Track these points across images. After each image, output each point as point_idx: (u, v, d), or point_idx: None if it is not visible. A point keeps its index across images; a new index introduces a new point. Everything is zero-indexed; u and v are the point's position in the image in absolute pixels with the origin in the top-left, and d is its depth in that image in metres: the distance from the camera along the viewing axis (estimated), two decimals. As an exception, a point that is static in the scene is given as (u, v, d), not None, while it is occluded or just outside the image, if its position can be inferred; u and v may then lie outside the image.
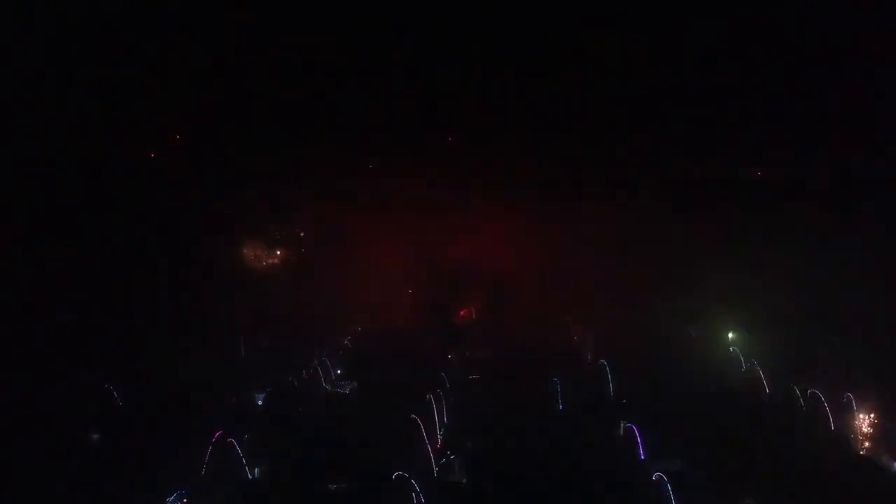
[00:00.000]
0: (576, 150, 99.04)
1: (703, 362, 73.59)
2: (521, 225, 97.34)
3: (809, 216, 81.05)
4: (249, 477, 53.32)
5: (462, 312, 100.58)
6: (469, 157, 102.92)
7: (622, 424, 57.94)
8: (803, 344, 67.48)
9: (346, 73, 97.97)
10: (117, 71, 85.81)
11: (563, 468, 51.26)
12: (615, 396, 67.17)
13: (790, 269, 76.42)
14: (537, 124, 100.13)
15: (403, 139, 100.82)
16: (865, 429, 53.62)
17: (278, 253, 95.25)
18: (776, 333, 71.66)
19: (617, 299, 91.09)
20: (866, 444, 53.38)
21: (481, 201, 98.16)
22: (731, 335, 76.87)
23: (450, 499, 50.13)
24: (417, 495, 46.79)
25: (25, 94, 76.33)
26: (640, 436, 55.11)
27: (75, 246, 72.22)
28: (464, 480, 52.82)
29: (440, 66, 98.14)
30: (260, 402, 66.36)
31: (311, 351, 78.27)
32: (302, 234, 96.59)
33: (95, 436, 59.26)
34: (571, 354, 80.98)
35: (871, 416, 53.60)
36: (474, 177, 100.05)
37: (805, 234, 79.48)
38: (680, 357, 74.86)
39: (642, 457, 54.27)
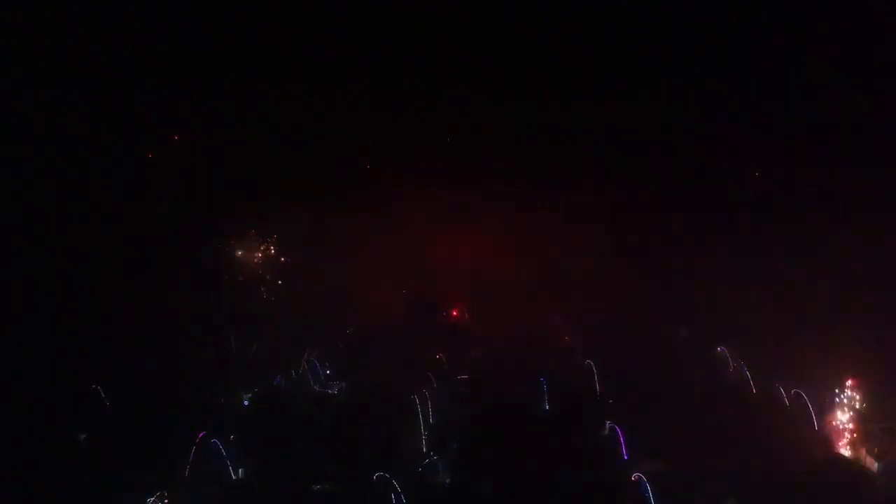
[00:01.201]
0: (568, 151, 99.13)
1: (691, 362, 73.57)
2: (513, 226, 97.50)
3: (798, 217, 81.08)
4: (233, 477, 53.50)
5: (454, 312, 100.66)
6: (462, 158, 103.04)
7: (607, 424, 58.05)
8: (789, 343, 67.49)
9: (341, 74, 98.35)
10: (107, 72, 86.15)
11: (546, 468, 51.35)
12: (602, 396, 67.26)
13: (778, 270, 76.67)
14: (532, 124, 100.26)
15: (397, 140, 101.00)
16: (848, 428, 53.58)
17: (270, 253, 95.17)
18: (764, 333, 71.82)
19: (607, 300, 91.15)
20: (848, 443, 53.35)
21: (474, 202, 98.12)
22: None
23: (432, 499, 50.16)
24: (398, 496, 46.89)
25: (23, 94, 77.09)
26: (623, 436, 55.29)
27: (63, 245, 72.50)
28: (447, 481, 52.87)
29: (436, 68, 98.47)
30: (246, 403, 66.42)
31: (301, 351, 78.20)
32: (294, 235, 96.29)
33: (83, 435, 59.33)
34: (561, 355, 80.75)
35: (854, 415, 53.58)
36: (467, 178, 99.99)
37: (794, 236, 79.56)
38: (668, 357, 74.93)
39: (626, 457, 54.44)
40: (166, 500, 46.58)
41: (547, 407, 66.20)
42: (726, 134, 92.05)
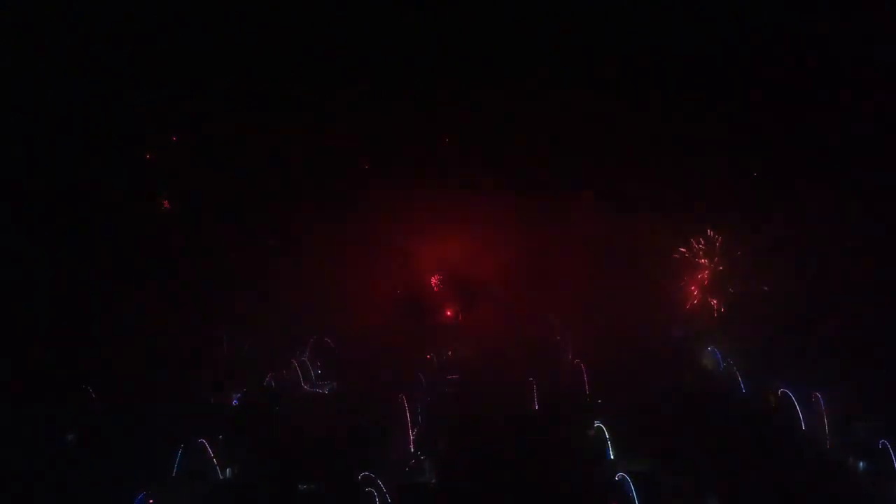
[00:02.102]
0: (557, 151, 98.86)
1: (682, 362, 73.68)
2: (505, 224, 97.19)
3: (785, 219, 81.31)
4: (220, 477, 53.70)
5: (448, 312, 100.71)
6: (457, 158, 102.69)
7: (594, 424, 58.19)
8: (778, 343, 67.72)
9: (332, 70, 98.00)
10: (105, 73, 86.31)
11: (531, 468, 51.55)
12: (591, 396, 67.39)
13: (767, 269, 76.99)
14: (520, 124, 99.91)
15: (392, 140, 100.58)
16: (833, 428, 53.72)
17: (264, 252, 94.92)
18: (753, 333, 72.03)
19: (600, 300, 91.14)
20: (834, 443, 53.45)
21: (466, 201, 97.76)
22: None
23: (417, 499, 50.33)
24: (383, 496, 47.08)
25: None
26: (609, 436, 55.48)
27: (53, 244, 72.80)
28: (433, 481, 53.07)
29: (426, 68, 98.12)
30: (235, 403, 66.65)
31: (293, 351, 78.32)
32: (287, 234, 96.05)
33: (71, 436, 59.58)
34: (552, 354, 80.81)
35: (839, 415, 53.75)
36: (459, 177, 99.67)
37: (783, 236, 79.79)
38: (660, 357, 74.99)
39: (611, 457, 54.63)
40: (151, 501, 46.72)
41: (536, 406, 66.38)
42: (717, 135, 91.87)
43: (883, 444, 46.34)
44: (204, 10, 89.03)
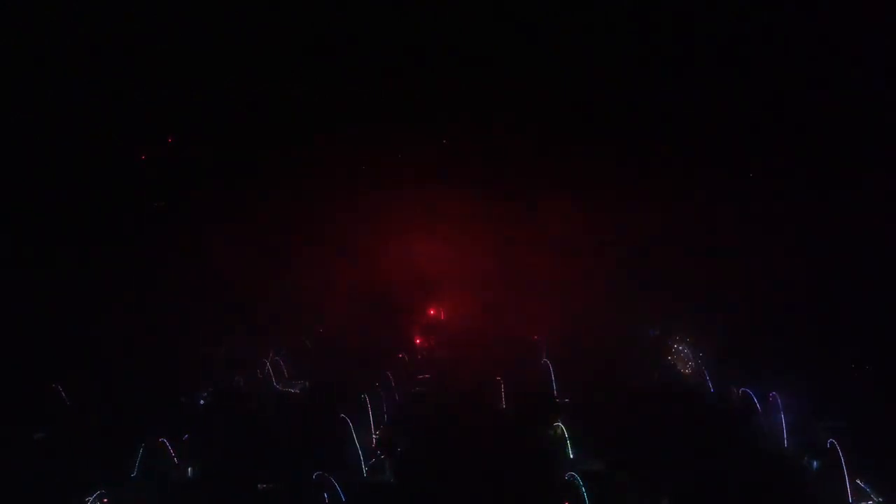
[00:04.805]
0: (539, 150, 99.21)
1: (651, 361, 73.91)
2: (483, 223, 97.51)
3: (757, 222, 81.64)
4: (182, 477, 54.01)
5: (431, 311, 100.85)
6: (430, 155, 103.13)
7: (555, 424, 58.46)
8: (744, 343, 68.00)
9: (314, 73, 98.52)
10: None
11: (490, 467, 51.83)
12: (559, 395, 67.64)
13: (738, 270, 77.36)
14: (501, 122, 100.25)
15: (361, 141, 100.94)
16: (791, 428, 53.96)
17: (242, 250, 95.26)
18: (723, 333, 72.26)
19: (577, 299, 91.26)
20: (790, 443, 53.67)
21: (442, 201, 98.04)
22: None
23: (373, 498, 50.68)
24: (336, 495, 47.38)
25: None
26: (569, 435, 55.76)
27: (26, 243, 73.25)
28: (392, 480, 53.35)
29: (402, 69, 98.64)
30: (202, 402, 66.98)
31: (267, 350, 78.54)
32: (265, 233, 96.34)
33: (39, 434, 59.83)
34: (527, 354, 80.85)
35: (797, 415, 53.99)
36: (436, 176, 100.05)
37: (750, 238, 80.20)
38: (630, 356, 75.20)
39: (571, 456, 54.90)
40: (106, 500, 47.03)
41: (503, 406, 66.66)
42: (696, 134, 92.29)
43: (831, 443, 46.53)
44: (204, 10, 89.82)
